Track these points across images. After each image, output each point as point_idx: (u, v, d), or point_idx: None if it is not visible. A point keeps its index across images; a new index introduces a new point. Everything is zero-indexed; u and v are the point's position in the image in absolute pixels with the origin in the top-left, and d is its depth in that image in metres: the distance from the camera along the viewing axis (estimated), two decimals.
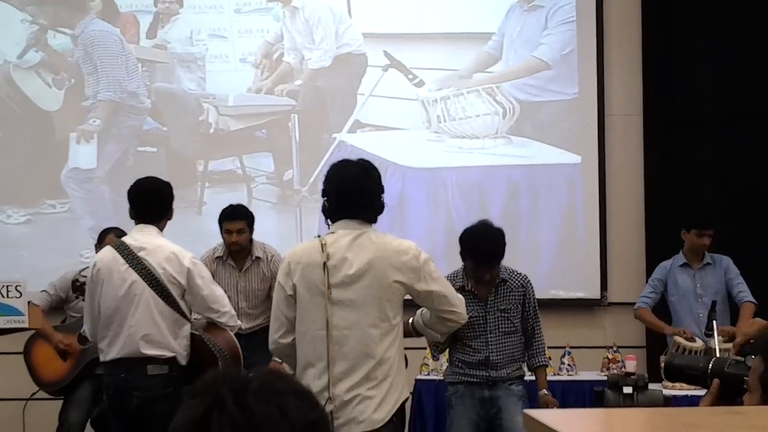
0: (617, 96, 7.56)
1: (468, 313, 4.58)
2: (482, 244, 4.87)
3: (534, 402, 5.08)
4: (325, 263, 3.74)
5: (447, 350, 5.17)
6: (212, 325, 4.77)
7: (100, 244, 5.82)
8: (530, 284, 5.08)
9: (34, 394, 6.14)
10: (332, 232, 3.83)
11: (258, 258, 6.13)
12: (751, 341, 2.66)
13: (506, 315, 4.95)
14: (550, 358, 5.57)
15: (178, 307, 4.64)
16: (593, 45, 7.49)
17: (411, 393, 6.09)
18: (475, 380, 4.95)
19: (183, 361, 4.67)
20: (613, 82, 7.55)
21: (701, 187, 7.35)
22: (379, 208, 3.87)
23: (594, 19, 7.50)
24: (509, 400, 4.89)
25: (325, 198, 3.88)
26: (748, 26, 7.32)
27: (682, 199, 7.18)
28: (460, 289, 4.74)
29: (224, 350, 4.69)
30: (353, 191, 3.81)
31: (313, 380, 3.70)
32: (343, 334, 3.74)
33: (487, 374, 4.94)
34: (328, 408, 3.64)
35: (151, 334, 4.61)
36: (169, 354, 4.63)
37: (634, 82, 7.56)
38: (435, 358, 5.08)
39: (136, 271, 4.61)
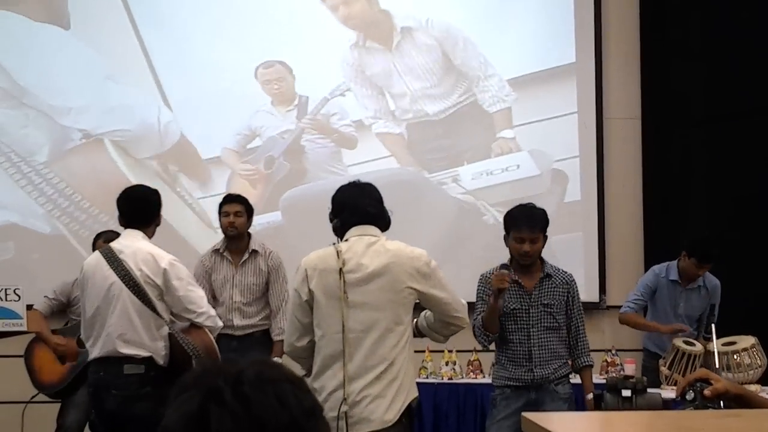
0: (615, 99, 7.57)
1: (511, 305, 4.87)
2: (521, 208, 4.99)
3: (580, 404, 5.03)
4: (341, 269, 3.92)
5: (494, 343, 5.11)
6: (193, 326, 4.80)
7: (93, 249, 5.92)
8: (575, 283, 5.05)
9: (33, 397, 6.14)
10: (346, 240, 4.02)
11: (255, 251, 6.15)
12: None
13: (549, 310, 4.91)
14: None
15: (153, 308, 4.69)
16: (591, 48, 7.51)
17: None
18: (520, 384, 4.90)
19: (161, 361, 4.69)
20: (611, 86, 7.55)
21: (699, 191, 7.35)
22: (388, 220, 4.08)
23: (592, 22, 7.53)
24: (554, 405, 4.85)
25: (336, 218, 4.07)
26: (745, 28, 7.33)
27: (681, 202, 7.18)
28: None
29: (198, 349, 4.70)
30: (366, 199, 4.05)
31: (328, 380, 3.91)
32: (358, 336, 3.90)
33: (532, 375, 4.88)
34: (343, 409, 3.83)
35: (127, 333, 4.67)
36: (145, 353, 4.67)
37: (633, 85, 7.57)
38: (484, 346, 5.08)
39: (115, 273, 4.71)
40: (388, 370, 3.89)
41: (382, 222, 4.05)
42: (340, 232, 4.05)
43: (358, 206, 4.01)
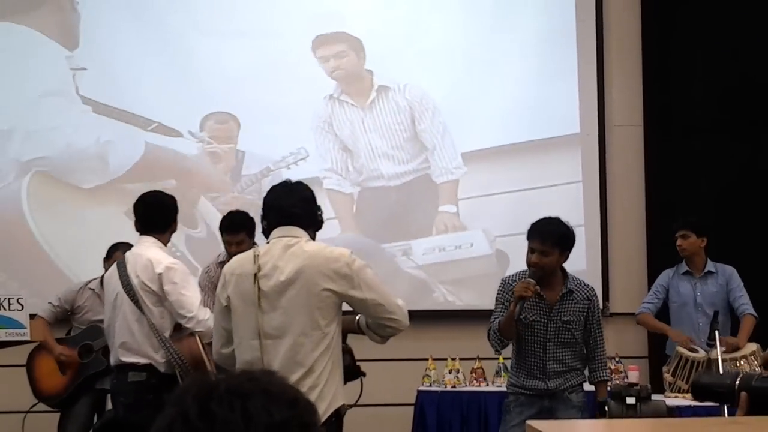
0: (618, 106, 7.56)
1: (531, 317, 4.85)
2: (540, 220, 4.98)
3: (593, 412, 5.01)
4: (255, 274, 3.79)
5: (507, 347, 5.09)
6: (190, 334, 4.80)
7: (107, 259, 5.93)
8: (596, 297, 5.05)
9: (33, 406, 6.13)
10: (268, 242, 3.90)
11: None
12: None
13: (568, 326, 4.91)
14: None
15: (147, 315, 4.70)
16: (593, 54, 7.49)
17: (411, 404, 6.09)
18: (533, 393, 4.91)
19: (162, 369, 4.70)
20: (613, 93, 7.55)
21: (703, 197, 7.34)
22: (317, 220, 3.96)
23: (594, 27, 7.52)
24: (568, 413, 4.85)
25: (264, 221, 3.95)
26: (747, 36, 7.33)
27: (684, 209, 7.17)
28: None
29: (183, 357, 4.68)
30: (292, 199, 3.89)
31: None
32: (274, 342, 3.76)
33: (545, 386, 4.89)
34: None
35: (128, 342, 4.72)
36: (144, 361, 4.69)
37: (635, 92, 7.57)
38: (497, 351, 5.07)
39: (120, 282, 4.76)
40: (306, 377, 3.71)
41: (310, 221, 3.91)
42: (268, 234, 3.92)
43: (282, 207, 3.87)
